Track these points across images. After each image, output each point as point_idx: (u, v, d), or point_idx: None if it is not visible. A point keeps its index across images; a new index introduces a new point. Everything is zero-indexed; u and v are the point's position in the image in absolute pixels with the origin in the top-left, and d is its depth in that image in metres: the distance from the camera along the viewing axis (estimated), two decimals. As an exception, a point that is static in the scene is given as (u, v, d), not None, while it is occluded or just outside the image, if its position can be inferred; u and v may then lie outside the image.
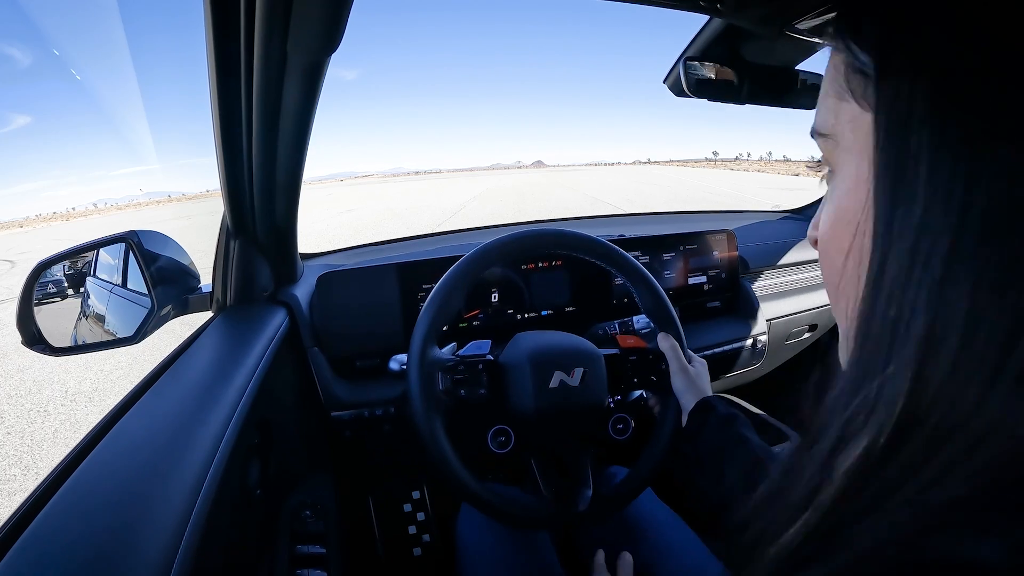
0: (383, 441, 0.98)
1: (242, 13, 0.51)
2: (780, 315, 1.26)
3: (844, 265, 0.28)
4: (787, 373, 1.42)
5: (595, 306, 1.10)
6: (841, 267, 0.29)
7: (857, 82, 0.26)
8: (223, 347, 0.80)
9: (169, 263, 0.85)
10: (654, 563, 0.76)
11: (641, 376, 0.79)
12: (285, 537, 0.80)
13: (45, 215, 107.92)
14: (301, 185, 0.83)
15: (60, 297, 0.79)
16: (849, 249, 0.28)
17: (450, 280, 0.72)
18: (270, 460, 0.76)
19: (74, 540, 0.42)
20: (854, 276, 0.27)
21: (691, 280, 1.18)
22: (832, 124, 0.29)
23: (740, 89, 0.80)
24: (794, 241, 1.35)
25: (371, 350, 0.98)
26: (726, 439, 0.66)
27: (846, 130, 0.28)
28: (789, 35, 0.68)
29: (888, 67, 0.24)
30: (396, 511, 1.21)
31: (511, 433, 0.79)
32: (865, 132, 0.26)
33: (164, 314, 0.82)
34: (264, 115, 0.64)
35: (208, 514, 0.48)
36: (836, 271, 0.29)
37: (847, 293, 0.29)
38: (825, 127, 0.29)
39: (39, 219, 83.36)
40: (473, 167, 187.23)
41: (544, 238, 0.77)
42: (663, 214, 1.77)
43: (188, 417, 0.59)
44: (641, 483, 0.75)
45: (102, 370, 3.82)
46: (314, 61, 0.57)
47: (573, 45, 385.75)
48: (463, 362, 0.74)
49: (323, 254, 1.28)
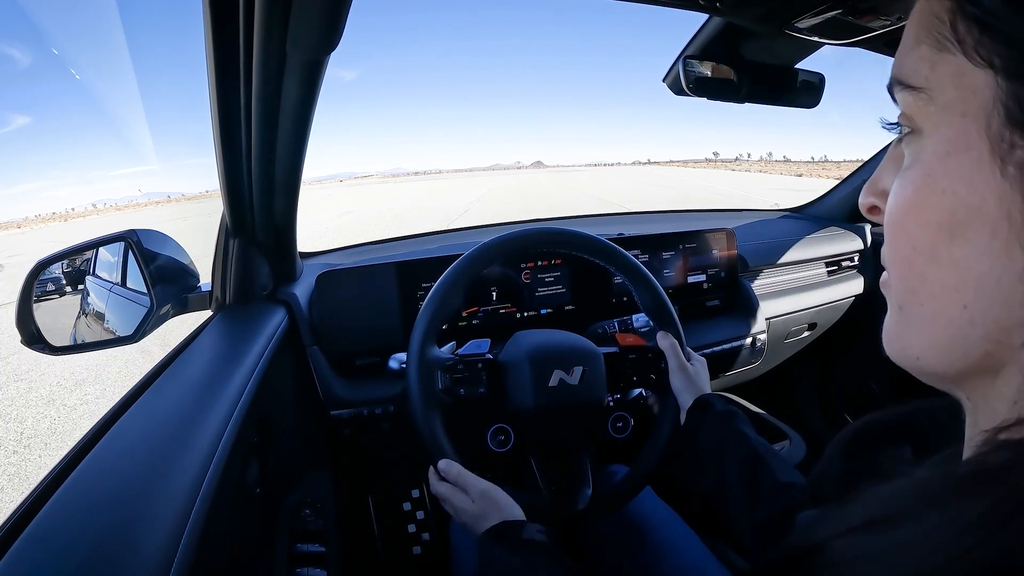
0: (382, 440, 0.98)
1: (241, 11, 0.51)
2: (779, 314, 1.26)
3: (927, 242, 0.25)
4: (786, 372, 1.42)
5: (594, 305, 1.10)
6: (923, 244, 0.25)
7: (969, 30, 0.23)
8: (222, 346, 0.80)
9: (168, 262, 0.84)
10: (654, 563, 0.76)
11: (640, 374, 0.79)
12: (284, 535, 0.80)
13: (44, 216, 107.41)
14: (300, 183, 0.83)
15: (58, 294, 0.79)
16: (939, 223, 0.24)
17: (449, 279, 0.72)
18: (269, 458, 0.76)
19: (74, 538, 0.42)
20: (941, 257, 0.24)
21: (690, 279, 1.18)
22: (927, 76, 0.25)
23: (739, 88, 0.80)
24: (793, 240, 1.35)
25: (370, 348, 0.98)
26: (725, 436, 0.66)
27: (947, 85, 0.24)
28: (788, 34, 0.68)
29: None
30: (395, 510, 1.21)
31: (511, 432, 0.79)
32: (974, 90, 0.23)
33: (163, 313, 0.82)
34: (263, 113, 0.64)
35: (208, 512, 0.48)
36: (913, 247, 0.26)
37: (924, 274, 0.25)
38: (916, 78, 0.25)
39: (37, 219, 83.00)
40: (473, 167, 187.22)
41: (542, 236, 0.77)
42: (662, 213, 1.77)
43: (187, 415, 0.59)
44: (640, 481, 0.76)
45: (65, 404, 3.33)
46: (313, 59, 0.57)
47: (572, 45, 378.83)
48: (462, 361, 0.74)
49: (322, 253, 1.28)
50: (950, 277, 0.24)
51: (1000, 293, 0.22)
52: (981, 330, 0.23)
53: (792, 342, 1.35)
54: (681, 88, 0.81)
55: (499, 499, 0.64)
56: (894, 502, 0.24)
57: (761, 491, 0.60)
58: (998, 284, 0.22)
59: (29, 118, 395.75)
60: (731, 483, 0.63)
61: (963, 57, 0.23)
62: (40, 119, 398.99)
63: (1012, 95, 0.21)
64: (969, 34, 0.22)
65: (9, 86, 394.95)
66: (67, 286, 0.81)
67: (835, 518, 0.26)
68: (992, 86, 0.22)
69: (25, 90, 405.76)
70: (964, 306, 0.24)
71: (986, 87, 0.22)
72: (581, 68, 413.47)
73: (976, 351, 0.24)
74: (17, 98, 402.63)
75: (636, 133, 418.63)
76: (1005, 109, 0.21)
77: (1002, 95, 0.21)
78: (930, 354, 0.26)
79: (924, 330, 0.26)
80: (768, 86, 0.82)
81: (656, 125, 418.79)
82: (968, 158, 0.23)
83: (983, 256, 0.23)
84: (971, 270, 0.23)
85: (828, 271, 1.38)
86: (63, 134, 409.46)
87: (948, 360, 0.26)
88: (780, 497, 0.58)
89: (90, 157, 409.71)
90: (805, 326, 1.35)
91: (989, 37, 0.22)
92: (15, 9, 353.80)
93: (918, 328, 0.27)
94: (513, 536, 0.59)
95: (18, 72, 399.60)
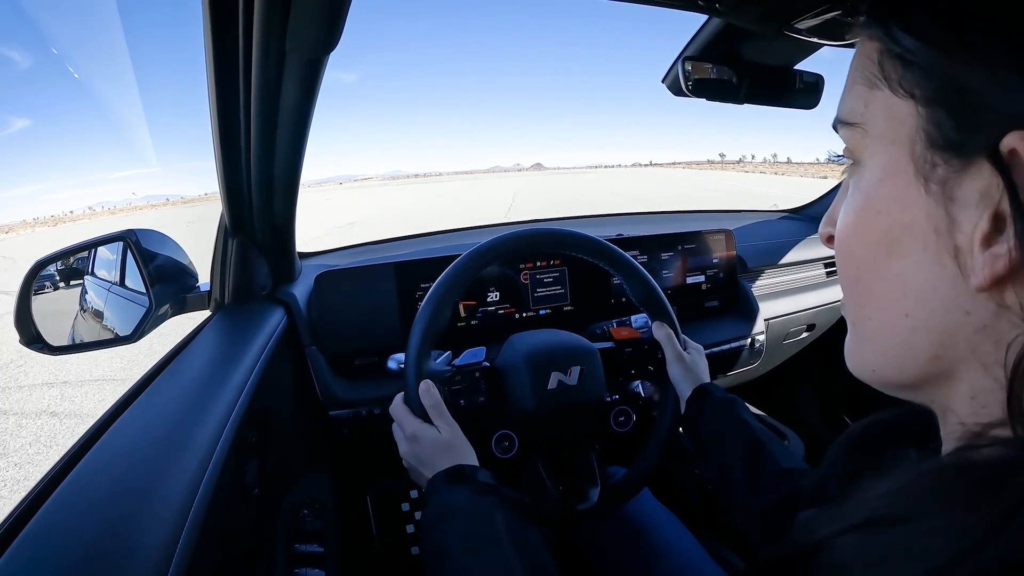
0: (381, 439, 0.98)
1: (241, 11, 0.51)
2: (778, 315, 1.26)
3: (870, 260, 0.28)
4: (785, 373, 1.42)
5: (593, 305, 1.10)
6: (866, 262, 0.28)
7: (894, 68, 0.26)
8: (221, 345, 0.80)
9: (167, 262, 0.84)
10: (652, 563, 0.76)
11: (638, 367, 0.79)
12: (283, 535, 0.80)
13: (33, 220, 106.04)
14: (299, 183, 0.83)
15: (52, 288, 0.79)
16: (878, 241, 0.27)
17: (438, 290, 0.70)
18: (268, 458, 0.76)
19: (73, 537, 0.42)
20: (883, 272, 0.27)
21: (689, 279, 1.18)
22: (861, 112, 0.28)
23: (739, 88, 0.80)
24: (792, 241, 1.35)
25: (369, 348, 0.98)
26: (725, 423, 0.66)
27: (879, 118, 0.27)
28: (788, 34, 0.68)
29: (948, 50, 0.24)
30: (394, 510, 1.21)
31: (514, 437, 0.79)
32: (900, 120, 0.26)
33: (162, 313, 0.82)
34: (263, 113, 0.64)
35: (206, 512, 0.48)
36: (858, 266, 0.29)
37: (870, 289, 0.28)
38: (853, 115, 0.28)
39: (24, 225, 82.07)
40: (472, 170, 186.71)
41: (533, 237, 0.76)
42: (661, 213, 1.77)
43: (186, 415, 0.59)
44: (646, 474, 0.76)
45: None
46: (313, 59, 0.57)
47: (571, 46, 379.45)
48: (460, 372, 0.75)
49: (321, 253, 1.28)
50: (892, 290, 0.27)
51: (937, 300, 0.25)
52: (925, 336, 0.26)
53: (791, 343, 1.35)
54: (680, 89, 0.81)
55: (459, 444, 0.64)
56: (893, 500, 0.24)
57: (762, 477, 0.60)
58: (935, 292, 0.25)
59: (29, 120, 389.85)
60: (732, 470, 0.63)
61: (889, 91, 0.26)
62: (40, 121, 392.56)
63: (931, 120, 0.24)
64: (894, 70, 0.26)
65: (9, 87, 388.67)
66: (60, 281, 0.81)
67: (834, 517, 0.26)
68: (914, 115, 0.25)
69: (25, 91, 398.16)
70: (906, 315, 0.26)
71: (910, 116, 0.25)
72: (580, 69, 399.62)
73: (924, 356, 0.26)
74: (17, 99, 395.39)
75: (635, 134, 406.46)
76: (926, 134, 0.25)
77: (923, 122, 0.25)
78: (883, 364, 0.29)
79: (876, 343, 0.29)
80: (767, 87, 0.82)
81: (655, 126, 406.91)
82: (898, 181, 0.26)
83: (919, 267, 0.25)
84: (910, 281, 0.26)
85: (827, 272, 1.38)
86: (62, 137, 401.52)
87: (900, 368, 0.28)
88: (782, 482, 0.58)
89: (89, 160, 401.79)
90: (804, 327, 1.35)
91: (910, 72, 0.25)
92: (15, 10, 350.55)
93: (870, 341, 0.29)
94: (470, 478, 0.59)
95: (18, 74, 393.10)
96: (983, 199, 0.23)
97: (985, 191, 0.23)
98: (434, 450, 0.62)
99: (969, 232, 0.23)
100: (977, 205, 0.23)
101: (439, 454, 0.62)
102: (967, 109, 0.23)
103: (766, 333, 1.21)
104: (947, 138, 0.24)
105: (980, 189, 0.23)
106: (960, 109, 0.23)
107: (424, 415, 0.65)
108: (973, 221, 0.23)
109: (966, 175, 0.23)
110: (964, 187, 0.23)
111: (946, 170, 0.24)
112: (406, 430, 0.65)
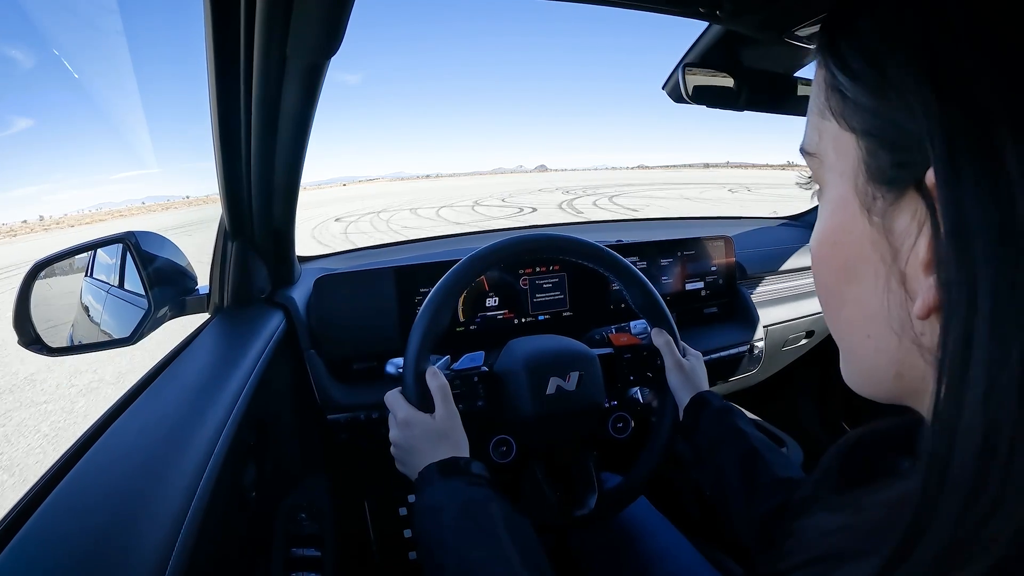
0: (379, 444, 0.98)
1: (242, 15, 0.52)
2: (777, 321, 1.26)
3: (834, 286, 0.29)
4: (784, 379, 1.42)
5: (592, 311, 1.10)
6: (831, 288, 0.29)
7: (836, 101, 0.26)
8: (220, 349, 0.80)
9: (166, 264, 0.84)
10: (647, 570, 0.76)
11: (637, 373, 0.78)
12: (280, 539, 0.80)
13: (28, 223, 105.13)
14: (300, 187, 0.83)
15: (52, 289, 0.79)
16: (838, 269, 0.28)
17: (438, 294, 0.70)
18: (266, 462, 0.76)
19: (70, 540, 0.42)
20: (845, 297, 0.28)
21: (688, 286, 1.18)
22: (816, 143, 0.29)
23: (739, 95, 0.81)
24: (792, 247, 1.35)
25: (368, 353, 0.98)
26: (722, 432, 0.66)
27: (829, 149, 0.28)
28: (787, 41, 0.69)
29: (873, 87, 0.24)
30: (392, 514, 1.21)
31: (512, 442, 0.78)
32: (845, 152, 0.26)
33: (161, 315, 0.82)
34: (263, 117, 0.64)
35: (203, 515, 0.47)
36: (826, 291, 0.30)
37: (839, 313, 0.29)
38: (811, 145, 0.29)
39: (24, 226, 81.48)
40: (475, 171, 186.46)
41: (533, 242, 0.75)
42: (661, 220, 1.78)
43: (184, 418, 0.59)
44: (644, 480, 0.75)
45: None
46: (314, 64, 0.57)
47: (574, 49, 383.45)
48: (459, 376, 0.74)
49: (320, 257, 1.28)
50: (855, 314, 0.28)
51: (891, 322, 0.26)
52: (886, 357, 0.27)
53: (790, 350, 1.34)
54: (681, 96, 0.81)
55: (452, 433, 0.62)
56: (843, 537, 0.26)
57: (759, 486, 0.60)
58: (888, 316, 0.26)
59: (31, 121, 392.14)
60: (729, 478, 0.63)
61: (835, 123, 0.27)
62: (42, 122, 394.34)
63: (871, 153, 0.25)
64: (838, 103, 0.26)
65: (9, 88, 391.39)
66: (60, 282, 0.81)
67: (792, 550, 0.28)
68: (856, 147, 0.26)
69: (25, 92, 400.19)
70: (868, 336, 0.28)
71: (853, 149, 0.26)
72: (582, 71, 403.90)
73: (888, 375, 0.27)
74: (17, 100, 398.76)
75: (635, 134, 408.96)
76: (866, 167, 0.25)
77: (864, 155, 0.25)
78: (861, 381, 0.30)
79: (851, 362, 0.31)
80: (767, 94, 0.82)
81: (655, 126, 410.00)
82: (847, 213, 0.27)
83: (873, 294, 0.26)
84: (867, 305, 0.27)
85: (826, 278, 1.39)
86: (64, 138, 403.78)
87: (874, 385, 0.29)
88: (778, 491, 0.58)
89: (94, 163, 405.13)
90: (803, 334, 1.35)
91: (846, 105, 0.26)
92: (15, 10, 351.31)
93: (848, 360, 0.31)
94: (464, 470, 0.58)
95: (19, 75, 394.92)
96: (919, 229, 0.23)
97: (920, 221, 0.23)
98: (426, 437, 0.61)
99: (912, 260, 0.24)
100: (913, 235, 0.24)
101: (431, 442, 0.60)
102: (896, 143, 0.24)
103: (765, 340, 1.21)
104: (882, 171, 0.24)
105: (914, 219, 0.23)
106: (891, 143, 0.24)
107: (420, 406, 0.64)
108: (910, 250, 0.24)
109: (899, 207, 0.24)
110: (899, 219, 0.24)
111: (883, 203, 0.25)
112: (398, 415, 0.63)
